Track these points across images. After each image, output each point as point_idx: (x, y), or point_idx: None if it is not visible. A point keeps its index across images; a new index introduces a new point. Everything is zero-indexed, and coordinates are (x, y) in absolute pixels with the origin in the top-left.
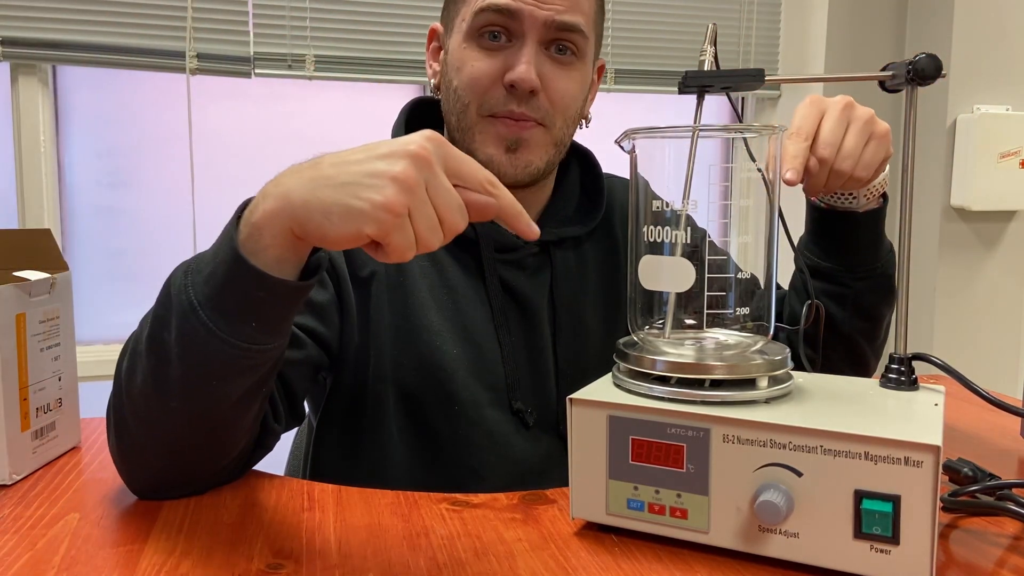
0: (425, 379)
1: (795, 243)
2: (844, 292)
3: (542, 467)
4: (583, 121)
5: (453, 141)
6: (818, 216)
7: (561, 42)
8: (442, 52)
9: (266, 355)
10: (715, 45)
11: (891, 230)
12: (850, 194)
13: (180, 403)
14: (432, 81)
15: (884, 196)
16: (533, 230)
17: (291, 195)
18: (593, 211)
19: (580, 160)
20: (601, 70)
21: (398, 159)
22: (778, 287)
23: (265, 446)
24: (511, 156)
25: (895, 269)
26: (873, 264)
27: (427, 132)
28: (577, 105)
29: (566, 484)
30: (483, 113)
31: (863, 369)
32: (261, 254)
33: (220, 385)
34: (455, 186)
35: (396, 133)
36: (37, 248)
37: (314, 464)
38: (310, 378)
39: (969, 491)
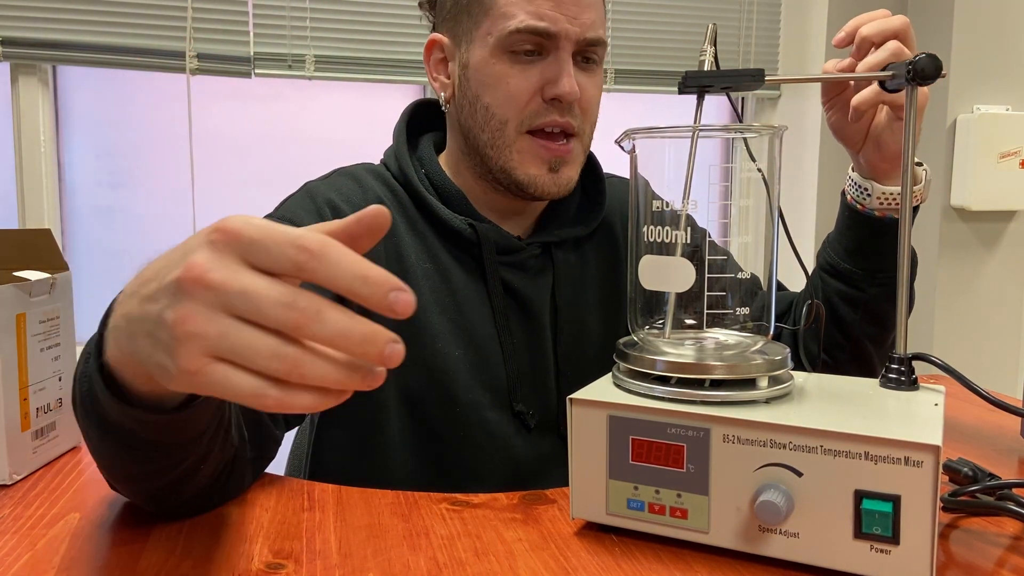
0: (427, 381)
1: (795, 243)
2: (859, 296)
3: (543, 468)
4: None
5: (481, 156)
6: (849, 216)
7: (587, 53)
8: (452, 64)
9: (182, 451)
10: (715, 45)
11: None
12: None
13: (118, 473)
14: (443, 95)
15: (915, 208)
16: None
17: (120, 345)
18: (594, 211)
19: None
20: None
21: (171, 297)
22: (783, 287)
23: (267, 456)
24: (554, 175)
25: (914, 279)
26: (893, 272)
27: (203, 235)
28: (598, 109)
29: (566, 484)
30: (522, 129)
31: (868, 372)
32: (129, 386)
33: (145, 466)
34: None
35: (397, 136)
36: (37, 248)
37: (314, 465)
38: None
39: (969, 491)
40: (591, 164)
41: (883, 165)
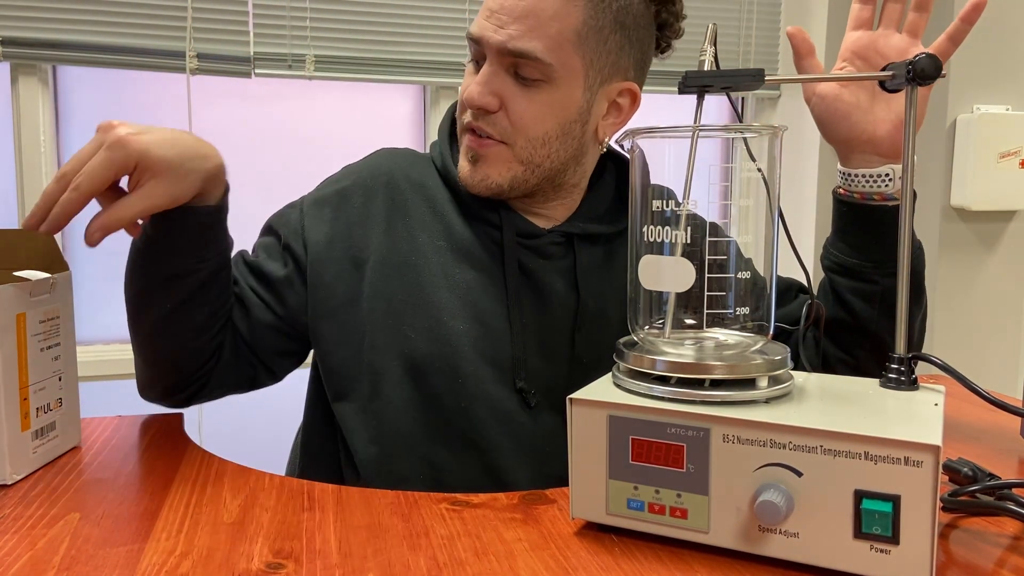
0: (430, 351)
1: (795, 243)
2: (872, 289)
3: (545, 447)
4: (600, 144)
5: None
6: (844, 211)
7: (518, 66)
8: None
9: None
10: (715, 45)
11: None
12: (887, 175)
13: (130, 309)
14: None
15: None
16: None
17: None
18: (624, 212)
19: (618, 166)
20: (634, 97)
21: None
22: (807, 291)
23: (249, 375)
24: (472, 168)
25: (923, 267)
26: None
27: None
28: (544, 128)
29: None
30: (462, 128)
31: None
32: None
33: (149, 296)
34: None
35: (439, 130)
36: (37, 248)
37: (341, 437)
38: (270, 333)
39: (969, 491)
40: (625, 169)
41: (843, 147)
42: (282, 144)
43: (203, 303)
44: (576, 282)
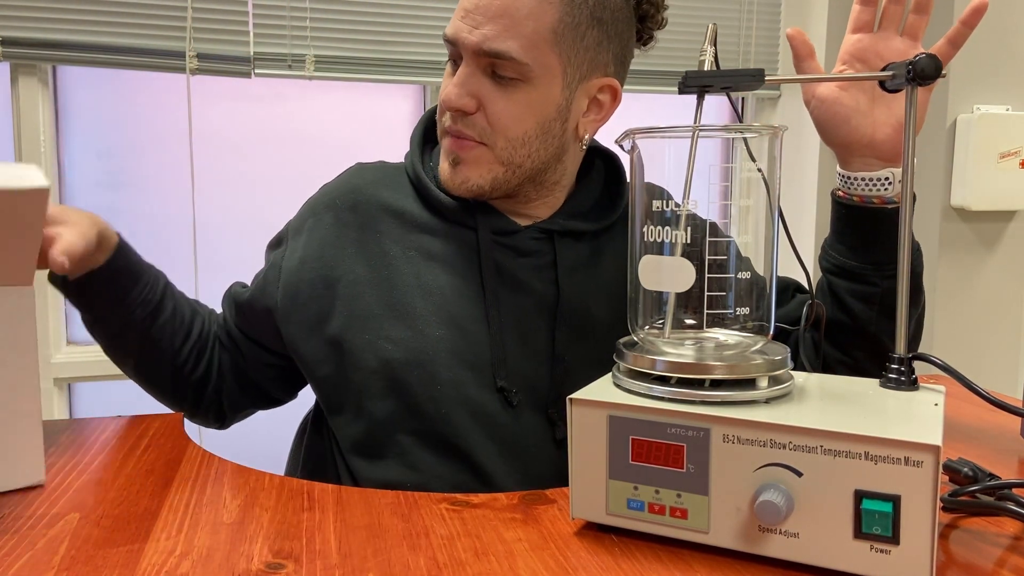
0: (409, 362)
1: (795, 243)
2: (871, 291)
3: (530, 447)
4: (580, 142)
5: None
6: (844, 214)
7: (494, 67)
8: None
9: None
10: (715, 45)
11: None
12: (886, 179)
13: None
14: None
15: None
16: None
17: None
18: (610, 209)
19: (605, 162)
20: (614, 93)
21: None
22: (803, 290)
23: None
24: (452, 170)
25: (921, 268)
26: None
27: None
28: (523, 127)
29: (555, 465)
30: (442, 130)
31: None
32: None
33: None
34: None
35: (412, 138)
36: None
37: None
38: (264, 367)
39: (969, 491)
40: (614, 165)
41: (842, 151)
42: (282, 144)
43: (155, 343)
44: (556, 279)
